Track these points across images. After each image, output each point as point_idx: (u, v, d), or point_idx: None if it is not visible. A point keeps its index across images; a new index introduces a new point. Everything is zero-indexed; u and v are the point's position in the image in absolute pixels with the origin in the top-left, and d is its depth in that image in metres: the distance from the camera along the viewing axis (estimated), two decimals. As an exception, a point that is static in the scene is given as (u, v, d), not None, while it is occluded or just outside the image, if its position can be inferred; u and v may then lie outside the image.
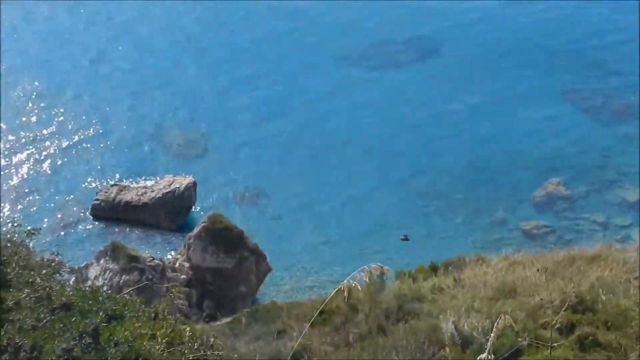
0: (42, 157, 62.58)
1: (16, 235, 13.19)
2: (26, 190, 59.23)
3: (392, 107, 67.52)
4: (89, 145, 63.97)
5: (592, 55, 73.78)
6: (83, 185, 60.05)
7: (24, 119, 66.51)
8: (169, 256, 51.44)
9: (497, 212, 56.42)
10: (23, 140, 64.11)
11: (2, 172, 60.61)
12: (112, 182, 59.51)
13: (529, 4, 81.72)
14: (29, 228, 13.94)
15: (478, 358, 10.24)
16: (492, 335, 8.91)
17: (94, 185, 59.83)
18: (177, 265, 47.05)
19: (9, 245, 12.39)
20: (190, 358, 9.68)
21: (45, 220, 55.86)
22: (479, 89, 69.36)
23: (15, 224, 13.64)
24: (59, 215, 56.94)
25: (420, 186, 59.24)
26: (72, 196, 59.05)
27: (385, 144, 63.26)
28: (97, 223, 56.68)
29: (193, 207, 57.19)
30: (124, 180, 59.80)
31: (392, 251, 52.99)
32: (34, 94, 69.55)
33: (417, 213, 57.08)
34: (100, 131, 65.50)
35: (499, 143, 63.18)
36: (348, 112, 66.88)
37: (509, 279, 24.00)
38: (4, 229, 14.35)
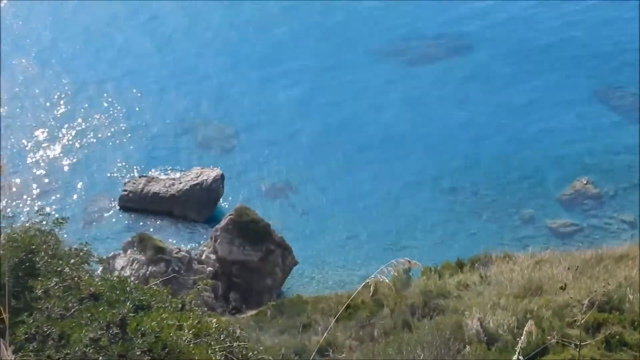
0: (71, 149, 62.98)
1: (44, 224, 13.26)
2: (54, 181, 59.66)
3: (425, 104, 67.23)
4: (116, 138, 64.29)
5: (623, 54, 73.09)
6: (111, 176, 60.39)
7: (50, 112, 66.92)
8: (191, 247, 51.68)
9: (524, 209, 56.16)
10: (50, 133, 64.53)
11: (29, 164, 61.17)
12: (140, 174, 59.79)
13: (563, 4, 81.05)
14: (56, 217, 14.01)
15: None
16: (522, 338, 8.88)
17: (121, 176, 60.14)
18: (203, 257, 47.19)
19: (37, 234, 12.46)
20: (217, 349, 9.72)
21: (74, 210, 56.23)
22: (511, 87, 68.91)
23: (45, 214, 13.67)
24: (86, 206, 57.34)
25: (449, 183, 59.04)
26: (100, 187, 59.43)
27: (417, 142, 63.01)
28: (124, 214, 57.00)
29: (220, 199, 57.31)
30: (152, 172, 60.05)
31: (420, 247, 52.89)
32: (61, 88, 69.96)
33: (445, 209, 56.93)
34: (128, 124, 65.80)
35: (528, 141, 62.83)
36: (381, 109, 66.64)
37: (535, 276, 23.90)
38: (26, 217, 14.45)
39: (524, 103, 66.97)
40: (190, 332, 9.48)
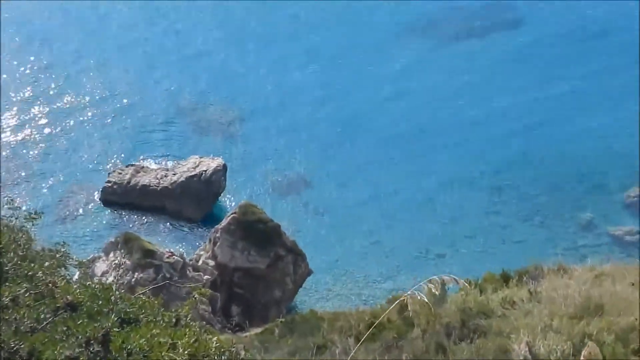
0: (43, 131, 63.15)
1: (15, 219, 13.20)
2: (30, 170, 59.75)
3: (464, 88, 67.08)
4: (98, 119, 64.45)
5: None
6: (92, 165, 60.48)
7: (20, 89, 67.11)
8: (186, 250, 51.66)
9: (582, 214, 56.02)
10: (19, 113, 64.71)
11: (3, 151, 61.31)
12: (127, 162, 59.79)
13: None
14: (27, 211, 13.96)
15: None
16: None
17: (105, 164, 60.22)
18: (200, 263, 47.16)
19: (6, 230, 12.41)
20: (217, 373, 9.66)
21: (46, 202, 56.32)
22: (566, 76, 68.71)
23: (15, 207, 13.60)
24: (64, 199, 57.44)
25: (492, 181, 58.96)
26: (78, 177, 59.50)
27: (453, 132, 62.93)
28: (107, 209, 57.05)
29: (221, 194, 57.29)
30: (141, 160, 60.07)
31: (457, 255, 52.85)
32: (32, 61, 70.29)
33: (487, 212, 56.80)
34: (112, 103, 66.03)
35: (585, 134, 62.70)
36: (411, 94, 66.63)
37: (594, 293, 23.79)
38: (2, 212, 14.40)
39: (580, 90, 66.85)
40: (186, 352, 9.41)
